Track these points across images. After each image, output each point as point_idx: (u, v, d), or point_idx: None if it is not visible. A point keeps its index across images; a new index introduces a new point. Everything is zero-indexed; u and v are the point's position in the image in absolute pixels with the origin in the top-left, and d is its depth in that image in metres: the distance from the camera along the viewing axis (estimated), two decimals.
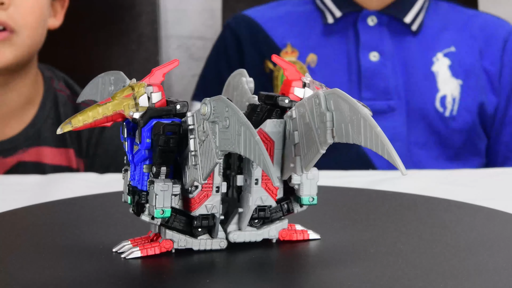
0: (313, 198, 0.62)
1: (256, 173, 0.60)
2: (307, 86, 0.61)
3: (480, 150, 1.40)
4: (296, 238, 0.63)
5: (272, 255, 0.61)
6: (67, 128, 0.57)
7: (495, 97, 1.39)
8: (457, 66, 1.38)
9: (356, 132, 0.54)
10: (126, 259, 0.59)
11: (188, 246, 0.60)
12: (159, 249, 0.60)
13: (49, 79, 1.33)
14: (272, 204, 0.62)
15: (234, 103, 0.55)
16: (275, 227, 0.62)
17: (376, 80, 1.35)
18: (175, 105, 0.58)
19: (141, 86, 0.58)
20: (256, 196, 0.61)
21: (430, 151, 1.37)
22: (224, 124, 0.54)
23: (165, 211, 0.58)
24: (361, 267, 0.58)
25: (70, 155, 1.30)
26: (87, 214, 0.73)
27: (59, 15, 1.34)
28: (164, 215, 0.58)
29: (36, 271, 0.56)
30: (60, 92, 1.33)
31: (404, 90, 1.36)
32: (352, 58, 1.36)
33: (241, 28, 1.43)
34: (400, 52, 1.37)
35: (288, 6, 1.45)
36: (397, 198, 0.81)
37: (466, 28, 1.41)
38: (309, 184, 0.61)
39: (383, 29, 1.37)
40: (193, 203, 0.60)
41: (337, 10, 1.37)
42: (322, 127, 0.56)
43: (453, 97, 1.37)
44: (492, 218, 0.72)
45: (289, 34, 1.40)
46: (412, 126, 1.36)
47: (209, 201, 0.60)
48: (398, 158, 0.52)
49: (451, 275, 0.56)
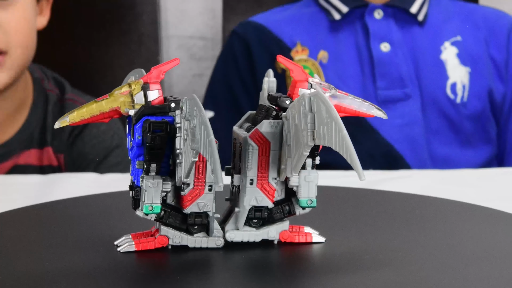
0: (311, 201, 0.61)
1: (251, 174, 0.60)
2: (313, 87, 0.60)
3: (491, 137, 1.42)
4: (297, 241, 0.63)
5: (269, 256, 0.61)
6: (64, 123, 0.58)
7: (502, 85, 1.42)
8: (465, 54, 1.40)
9: (328, 134, 0.54)
10: (121, 252, 0.60)
11: (183, 243, 0.61)
12: (154, 244, 0.60)
13: (39, 80, 1.31)
14: (269, 205, 0.61)
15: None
16: (275, 228, 0.62)
17: (389, 69, 1.37)
18: (169, 103, 0.59)
19: (137, 83, 0.59)
20: (251, 197, 0.61)
21: (443, 137, 1.40)
22: (193, 122, 0.55)
23: (154, 207, 0.59)
24: (359, 272, 0.58)
25: (49, 154, 1.28)
26: (87, 214, 0.73)
27: (45, 11, 1.30)
28: (153, 211, 0.59)
29: (35, 269, 0.56)
30: (50, 91, 1.31)
31: (416, 79, 1.38)
32: (363, 51, 1.38)
33: (249, 33, 1.44)
34: (408, 42, 1.39)
35: (292, 9, 1.46)
36: (397, 198, 0.81)
37: (469, 19, 1.44)
38: (307, 186, 0.61)
39: (390, 20, 1.39)
40: (185, 200, 0.60)
41: (343, 6, 1.39)
42: (305, 128, 0.56)
43: (462, 84, 1.39)
44: (492, 218, 0.72)
45: (298, 33, 1.41)
46: (425, 113, 1.38)
47: (201, 199, 0.60)
48: (359, 163, 0.52)
49: (454, 280, 0.56)
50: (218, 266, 0.59)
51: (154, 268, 0.58)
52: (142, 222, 0.66)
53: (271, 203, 0.61)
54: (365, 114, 0.61)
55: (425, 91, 1.39)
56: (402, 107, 1.37)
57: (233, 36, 1.47)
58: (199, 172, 0.60)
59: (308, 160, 0.60)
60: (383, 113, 0.61)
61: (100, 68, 1.60)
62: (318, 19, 1.42)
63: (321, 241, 0.63)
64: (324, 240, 0.63)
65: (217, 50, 1.75)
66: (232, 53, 1.45)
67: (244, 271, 0.58)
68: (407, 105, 1.37)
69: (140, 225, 0.65)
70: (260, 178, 0.60)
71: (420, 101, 1.38)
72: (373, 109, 0.61)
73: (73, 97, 1.32)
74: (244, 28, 1.46)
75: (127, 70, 0.64)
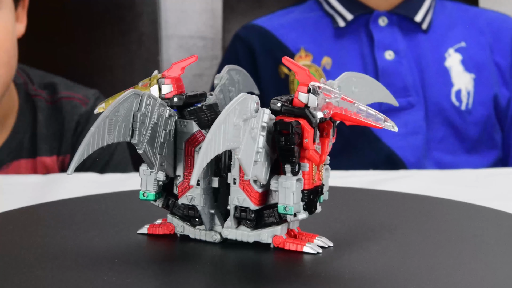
0: (289, 208, 0.59)
1: (234, 172, 0.60)
2: (311, 91, 0.59)
3: (496, 142, 1.42)
4: (288, 248, 0.61)
5: (258, 258, 0.60)
6: (101, 109, 0.61)
7: (507, 90, 1.42)
8: (469, 61, 1.40)
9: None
10: (136, 233, 0.65)
11: (186, 233, 0.63)
12: (162, 230, 0.64)
13: (23, 85, 1.26)
14: (251, 207, 0.60)
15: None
16: (266, 231, 0.61)
17: (393, 78, 1.37)
18: (173, 97, 0.61)
19: (155, 78, 0.62)
20: (233, 196, 0.61)
21: (448, 145, 1.39)
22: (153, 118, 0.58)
23: (148, 194, 0.62)
24: (359, 273, 0.58)
25: (45, 163, 1.25)
26: (87, 214, 0.73)
27: (22, 18, 1.22)
28: (147, 198, 0.62)
29: (35, 269, 0.56)
30: (37, 97, 1.26)
31: (420, 86, 1.38)
32: (367, 58, 1.38)
33: (253, 37, 1.44)
34: (412, 50, 1.39)
35: (296, 13, 1.46)
36: (397, 198, 0.81)
37: (473, 24, 1.43)
38: (284, 193, 0.59)
39: (395, 28, 1.39)
40: (179, 191, 0.62)
41: (348, 13, 1.39)
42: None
43: (467, 90, 1.39)
44: (493, 218, 0.72)
45: (301, 39, 1.41)
46: (430, 121, 1.38)
47: (190, 192, 0.61)
48: (198, 169, 0.52)
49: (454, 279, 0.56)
50: (202, 259, 0.59)
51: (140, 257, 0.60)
52: (142, 223, 0.66)
53: (253, 205, 0.60)
54: (372, 124, 0.58)
55: (430, 99, 1.39)
56: (406, 116, 1.37)
57: (237, 39, 1.47)
58: (187, 166, 0.61)
59: (287, 166, 0.59)
60: (393, 125, 0.58)
61: (100, 68, 1.60)
62: (323, 26, 1.42)
63: (311, 252, 0.60)
64: (316, 252, 0.60)
65: (217, 50, 1.75)
66: (235, 57, 1.45)
67: (228, 269, 0.58)
68: (410, 114, 1.37)
69: (140, 224, 0.66)
70: (242, 179, 0.60)
71: (423, 110, 1.38)
72: (381, 120, 0.58)
73: (70, 94, 1.28)
74: (247, 32, 1.46)
75: (127, 70, 0.65)
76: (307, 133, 0.59)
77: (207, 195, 0.62)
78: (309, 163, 0.60)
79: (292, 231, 0.62)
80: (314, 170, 0.61)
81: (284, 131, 0.58)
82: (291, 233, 0.62)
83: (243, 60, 1.44)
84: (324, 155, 0.60)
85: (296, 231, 0.62)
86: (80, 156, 0.53)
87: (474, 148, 1.41)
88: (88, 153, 0.54)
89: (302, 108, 0.59)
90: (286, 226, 0.61)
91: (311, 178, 0.60)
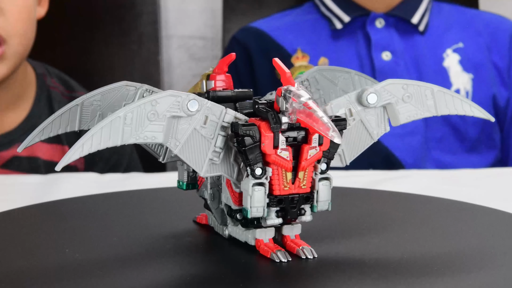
0: (246, 211, 0.58)
1: None
2: (282, 95, 0.57)
3: (496, 142, 1.42)
4: (264, 254, 0.59)
5: (249, 259, 0.59)
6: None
7: (505, 90, 1.42)
8: (467, 61, 1.40)
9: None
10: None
11: (212, 225, 0.66)
12: (201, 220, 0.68)
13: (42, 75, 1.30)
14: (232, 206, 0.60)
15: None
16: (251, 233, 0.60)
17: (390, 78, 1.37)
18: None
19: (204, 75, 0.64)
20: (223, 194, 0.61)
21: (448, 145, 1.39)
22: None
23: (182, 183, 0.65)
24: (359, 272, 0.58)
25: (65, 152, 1.27)
26: (87, 214, 0.73)
27: (44, 2, 1.28)
28: (180, 186, 0.65)
29: (35, 269, 0.56)
30: (54, 89, 1.30)
31: None
32: (364, 59, 1.38)
33: (250, 39, 1.44)
34: (410, 50, 1.39)
35: (293, 16, 1.46)
36: (397, 198, 0.81)
37: (471, 26, 1.43)
38: (245, 195, 0.58)
39: (392, 30, 1.39)
40: (199, 183, 0.65)
41: (345, 15, 1.39)
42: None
43: (466, 90, 1.39)
44: (493, 218, 0.72)
45: (298, 40, 1.41)
46: (429, 121, 1.38)
47: (203, 186, 0.64)
48: (67, 159, 0.52)
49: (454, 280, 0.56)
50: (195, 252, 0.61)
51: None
52: (142, 223, 0.66)
53: (233, 205, 0.60)
54: (319, 132, 0.55)
55: None
56: None
57: (233, 42, 1.47)
58: None
59: (248, 168, 0.58)
60: (339, 138, 0.54)
61: (100, 68, 1.60)
62: (320, 28, 1.42)
63: (282, 261, 0.58)
64: (286, 261, 0.58)
65: (217, 50, 1.75)
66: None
67: (222, 266, 0.59)
68: None
69: (140, 224, 0.66)
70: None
71: None
72: (330, 130, 0.54)
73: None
74: (244, 35, 1.46)
75: (127, 70, 0.65)
76: (264, 137, 0.57)
77: (216, 190, 0.62)
78: (273, 168, 0.58)
79: (286, 238, 0.60)
80: (288, 176, 0.58)
81: (235, 132, 0.57)
82: (284, 239, 0.61)
83: (239, 62, 1.44)
84: (304, 162, 0.58)
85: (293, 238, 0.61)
86: (76, 153, 0.53)
87: (473, 148, 1.41)
88: (90, 151, 0.53)
89: (268, 111, 0.57)
90: (271, 230, 0.60)
91: (281, 184, 0.58)
